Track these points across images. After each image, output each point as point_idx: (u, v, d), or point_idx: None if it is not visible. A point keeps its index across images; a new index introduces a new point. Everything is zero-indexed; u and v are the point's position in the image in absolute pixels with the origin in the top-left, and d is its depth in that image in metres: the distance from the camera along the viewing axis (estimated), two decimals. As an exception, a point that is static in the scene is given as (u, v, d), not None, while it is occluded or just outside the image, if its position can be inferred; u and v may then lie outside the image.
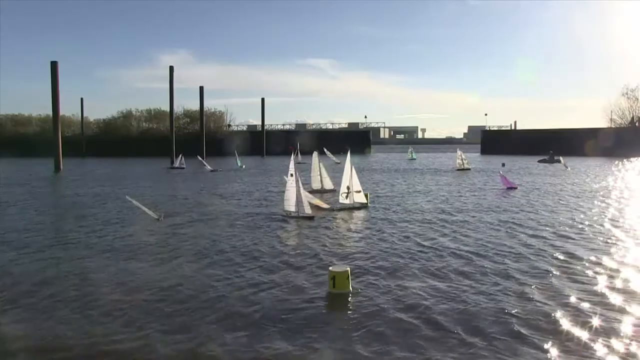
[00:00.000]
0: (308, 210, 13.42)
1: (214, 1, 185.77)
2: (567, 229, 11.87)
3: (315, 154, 20.69)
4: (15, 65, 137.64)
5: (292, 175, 13.75)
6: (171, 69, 50.63)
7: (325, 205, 14.96)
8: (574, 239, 10.77)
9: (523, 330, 5.63)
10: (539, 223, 12.66)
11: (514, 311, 6.23)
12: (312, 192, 18.82)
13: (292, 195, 13.56)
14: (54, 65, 36.79)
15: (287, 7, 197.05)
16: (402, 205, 16.23)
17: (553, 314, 6.12)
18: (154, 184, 26.10)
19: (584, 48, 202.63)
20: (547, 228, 11.93)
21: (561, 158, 38.57)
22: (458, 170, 33.23)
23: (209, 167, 35.36)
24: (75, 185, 25.42)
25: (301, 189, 13.67)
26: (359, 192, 15.58)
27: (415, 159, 52.81)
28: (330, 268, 7.20)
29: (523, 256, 9.14)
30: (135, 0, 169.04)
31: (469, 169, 33.51)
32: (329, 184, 20.59)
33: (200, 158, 38.80)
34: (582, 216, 13.79)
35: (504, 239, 10.76)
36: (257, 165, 43.42)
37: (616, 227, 12.11)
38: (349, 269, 7.21)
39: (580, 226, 12.21)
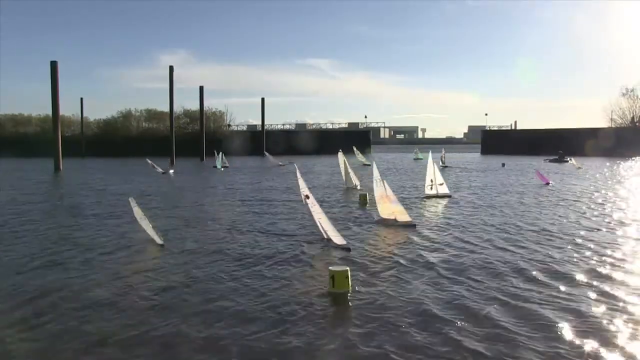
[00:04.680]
0: (339, 241, 9.92)
1: (214, 1, 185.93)
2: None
3: (340, 154, 22.04)
4: (15, 65, 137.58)
5: (307, 197, 10.27)
6: (171, 69, 50.68)
7: (408, 219, 12.24)
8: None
9: (530, 332, 5.57)
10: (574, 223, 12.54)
11: (520, 312, 6.17)
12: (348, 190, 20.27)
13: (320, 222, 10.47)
14: (54, 65, 36.73)
15: (287, 7, 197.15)
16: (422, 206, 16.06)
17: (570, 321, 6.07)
18: (146, 188, 26.05)
19: (584, 48, 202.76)
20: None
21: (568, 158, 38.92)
22: (442, 167, 34.89)
23: (159, 169, 33.77)
24: (74, 186, 25.39)
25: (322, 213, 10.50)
26: (442, 184, 17.80)
27: (422, 159, 50.75)
28: (330, 267, 7.18)
29: (549, 257, 9.08)
30: (135, 0, 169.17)
31: (447, 166, 36.08)
32: (356, 180, 21.41)
33: (149, 160, 35.98)
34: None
35: (520, 238, 10.73)
36: (250, 165, 43.24)
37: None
38: (348, 268, 7.17)
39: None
